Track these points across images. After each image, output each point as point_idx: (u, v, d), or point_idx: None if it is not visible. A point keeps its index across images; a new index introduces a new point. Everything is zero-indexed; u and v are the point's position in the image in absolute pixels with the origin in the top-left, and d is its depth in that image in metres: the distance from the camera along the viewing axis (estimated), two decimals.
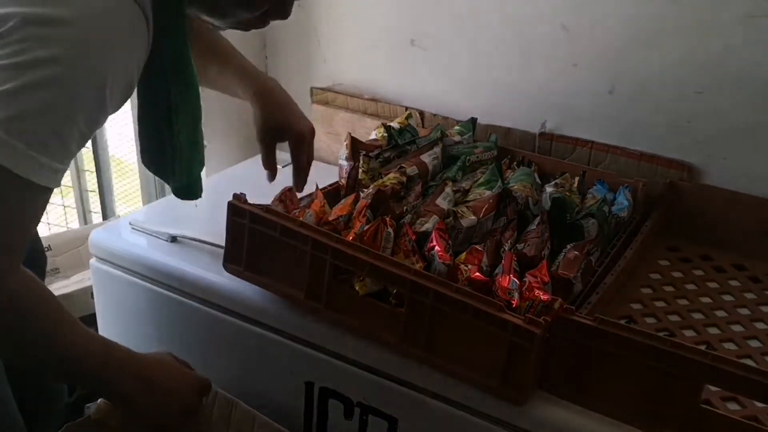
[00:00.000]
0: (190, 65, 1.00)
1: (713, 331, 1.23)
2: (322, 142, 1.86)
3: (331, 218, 1.18)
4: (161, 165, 1.10)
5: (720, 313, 1.28)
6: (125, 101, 0.92)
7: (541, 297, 1.04)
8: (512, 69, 1.61)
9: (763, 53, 1.35)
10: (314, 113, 1.85)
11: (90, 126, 0.85)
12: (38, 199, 0.85)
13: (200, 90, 1.08)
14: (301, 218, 1.18)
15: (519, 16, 1.56)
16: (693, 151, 1.47)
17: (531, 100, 1.60)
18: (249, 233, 1.21)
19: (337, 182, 1.47)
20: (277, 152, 1.86)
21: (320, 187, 1.44)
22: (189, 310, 1.32)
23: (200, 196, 1.22)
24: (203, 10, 0.97)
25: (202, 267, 1.32)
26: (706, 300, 1.32)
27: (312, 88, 1.85)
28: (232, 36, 1.82)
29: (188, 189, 1.19)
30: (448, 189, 1.32)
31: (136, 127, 1.07)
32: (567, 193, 1.38)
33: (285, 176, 1.48)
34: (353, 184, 1.42)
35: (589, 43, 1.50)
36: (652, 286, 1.35)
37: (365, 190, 1.33)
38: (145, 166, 1.13)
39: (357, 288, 1.12)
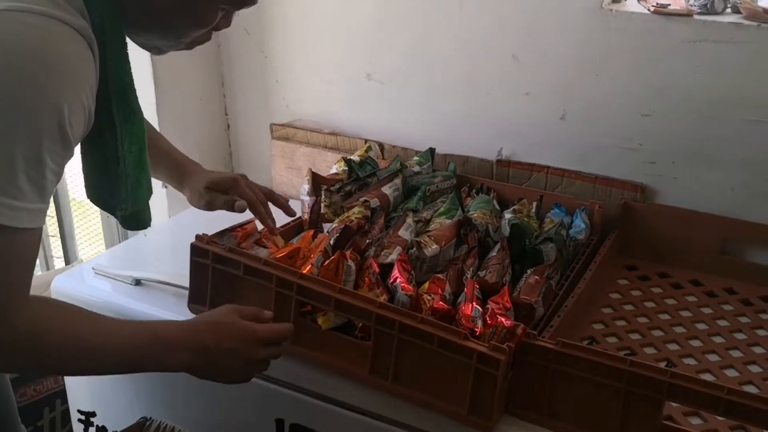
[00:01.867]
0: (134, 91, 0.99)
1: (673, 347, 1.26)
2: (283, 177, 1.87)
3: (281, 254, 1.19)
4: (107, 196, 1.06)
5: (679, 329, 1.31)
6: (88, 128, 0.90)
7: (504, 323, 1.06)
8: (467, 99, 1.64)
9: (705, 75, 1.40)
10: (275, 149, 1.87)
11: (59, 163, 0.84)
12: (21, 240, 0.83)
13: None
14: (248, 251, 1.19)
15: (471, 48, 1.60)
16: (645, 171, 1.52)
17: (487, 128, 1.64)
18: (212, 273, 1.22)
19: (299, 217, 1.48)
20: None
21: (285, 222, 1.46)
22: None
23: (149, 225, 1.19)
24: (157, 35, 0.97)
25: (167, 309, 1.31)
26: (665, 317, 1.35)
27: (272, 125, 1.87)
28: (189, 74, 1.84)
29: (136, 218, 1.15)
30: (409, 220, 1.34)
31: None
32: (525, 218, 1.40)
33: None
34: (316, 218, 1.44)
35: (540, 72, 1.54)
36: (613, 305, 1.38)
37: (330, 225, 1.34)
38: (89, 199, 1.08)
39: (320, 323, 1.13)
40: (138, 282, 1.40)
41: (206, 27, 0.97)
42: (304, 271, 1.16)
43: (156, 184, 1.80)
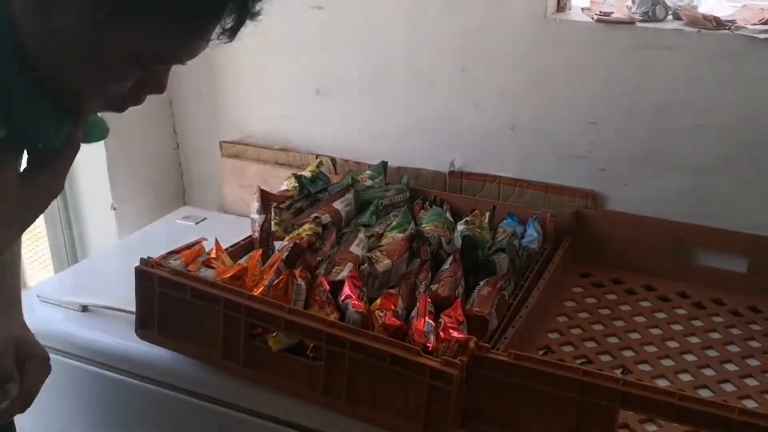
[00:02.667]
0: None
1: (628, 354, 1.27)
2: (235, 195, 1.84)
3: (227, 275, 1.16)
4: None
5: (634, 335, 1.32)
6: None
7: (457, 337, 1.05)
8: (418, 111, 1.63)
9: (649, 81, 1.42)
10: (226, 167, 1.84)
11: None
12: None
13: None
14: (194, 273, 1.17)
15: (420, 60, 1.59)
16: (595, 179, 1.52)
17: (439, 140, 1.63)
18: (159, 297, 1.18)
19: (250, 236, 1.45)
20: (189, 209, 1.85)
21: (235, 241, 1.43)
22: (105, 381, 1.28)
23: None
24: (69, 94, 0.75)
25: (114, 335, 1.28)
26: (620, 323, 1.35)
27: (221, 143, 1.84)
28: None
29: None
30: (361, 235, 1.33)
31: None
32: (478, 229, 1.40)
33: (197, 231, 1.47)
34: (266, 237, 1.41)
35: (488, 83, 1.54)
36: (568, 314, 1.38)
37: (281, 243, 1.32)
38: None
39: (270, 344, 1.11)
40: (85, 308, 1.36)
41: (119, 81, 0.75)
42: (256, 293, 1.14)
43: (104, 205, 1.78)
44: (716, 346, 1.28)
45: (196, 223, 1.73)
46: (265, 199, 1.44)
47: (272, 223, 1.40)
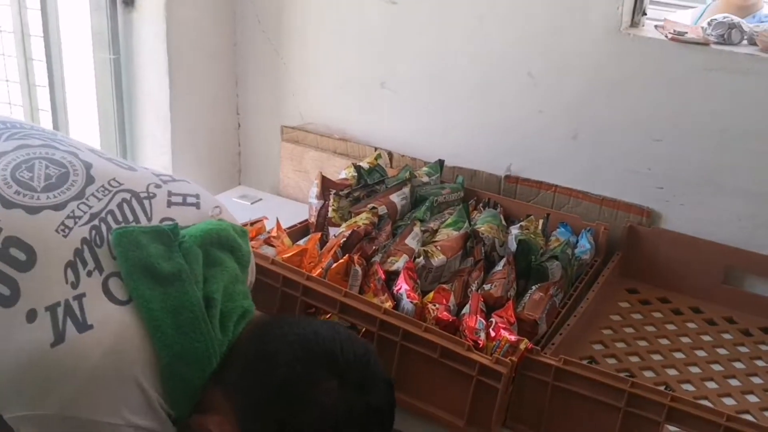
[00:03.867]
0: None
1: (672, 372, 1.27)
2: (290, 179, 1.88)
3: (287, 255, 1.19)
4: None
5: (678, 355, 1.32)
6: None
7: (508, 337, 1.07)
8: (479, 113, 1.65)
9: (718, 104, 1.41)
10: (284, 151, 1.87)
11: None
12: None
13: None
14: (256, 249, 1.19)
15: (487, 62, 1.61)
16: (652, 196, 1.52)
17: (497, 143, 1.65)
18: None
19: (306, 220, 1.48)
20: (245, 188, 1.89)
21: (290, 224, 1.46)
22: None
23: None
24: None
25: None
26: (665, 342, 1.35)
27: (282, 127, 1.87)
28: (204, 72, 1.85)
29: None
30: (416, 229, 1.35)
31: None
32: (532, 235, 1.41)
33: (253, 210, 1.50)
34: (323, 222, 1.44)
35: (554, 90, 1.55)
36: (613, 327, 1.38)
37: (337, 229, 1.35)
38: None
39: None
40: None
41: None
42: (315, 274, 1.16)
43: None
44: (761, 373, 1.28)
45: (252, 203, 1.77)
46: (325, 185, 1.46)
47: (330, 209, 1.43)
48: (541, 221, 1.52)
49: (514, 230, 1.42)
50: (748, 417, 1.16)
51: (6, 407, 0.77)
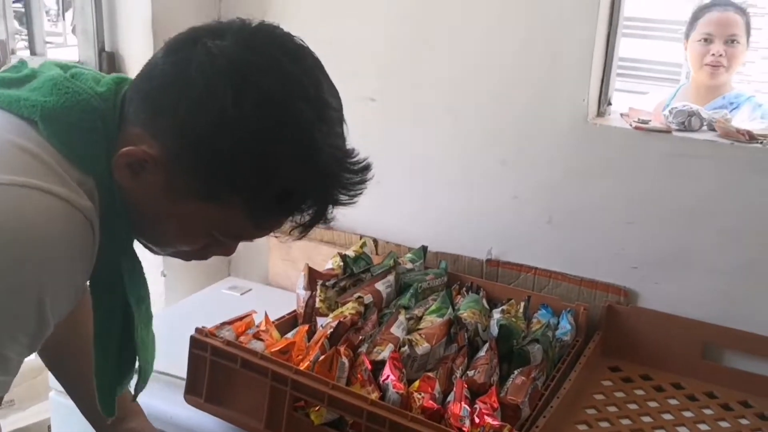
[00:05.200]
0: (143, 278, 0.94)
1: None
2: (279, 268, 1.93)
3: (276, 348, 1.23)
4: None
5: None
6: (72, 306, 0.82)
7: (492, 423, 1.10)
8: (458, 200, 1.72)
9: (683, 187, 1.49)
10: (272, 241, 1.93)
11: (32, 340, 0.78)
12: None
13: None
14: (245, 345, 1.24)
15: (462, 153, 1.68)
16: (628, 275, 1.58)
17: (477, 228, 1.71)
18: (210, 365, 1.25)
19: (294, 310, 1.52)
20: (234, 279, 1.93)
21: (279, 314, 1.50)
22: None
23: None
24: (146, 240, 0.91)
25: (162, 398, 1.34)
26: (647, 419, 1.39)
27: None
28: None
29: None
30: (401, 317, 1.39)
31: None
32: (513, 318, 1.46)
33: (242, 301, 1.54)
34: (311, 312, 1.49)
35: (527, 177, 1.63)
36: (597, 406, 1.41)
37: (324, 319, 1.39)
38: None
39: (312, 418, 1.17)
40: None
41: (191, 245, 0.89)
42: (302, 367, 1.20)
43: (156, 272, 1.87)
44: None
45: (241, 294, 1.81)
46: (312, 276, 1.51)
47: (317, 299, 1.47)
48: (522, 304, 1.57)
49: (496, 314, 1.47)
50: None
51: None
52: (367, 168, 0.87)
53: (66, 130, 0.79)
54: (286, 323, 1.48)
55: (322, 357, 1.21)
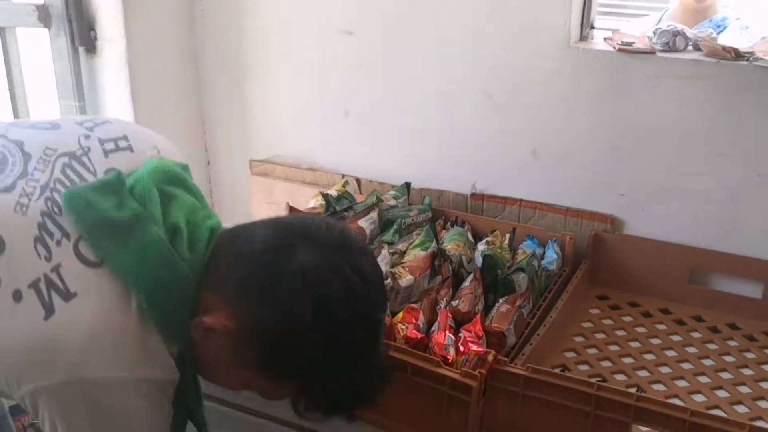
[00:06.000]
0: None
1: (643, 374, 1.29)
2: (263, 212, 1.90)
3: None
4: None
5: (649, 357, 1.34)
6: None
7: (476, 350, 1.09)
8: (442, 135, 1.69)
9: (669, 110, 1.46)
10: (254, 185, 1.90)
11: None
12: None
13: None
14: None
15: (444, 85, 1.64)
16: (614, 204, 1.56)
17: (462, 163, 1.68)
18: None
19: None
20: None
21: None
22: None
23: None
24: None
25: None
26: (635, 345, 1.38)
27: (251, 161, 1.90)
28: (170, 111, 1.88)
29: None
30: (384, 251, 1.37)
31: None
32: (498, 249, 1.44)
33: None
34: None
35: (511, 109, 1.59)
36: (584, 334, 1.41)
37: None
38: None
39: None
40: None
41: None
42: None
43: None
44: (730, 369, 1.31)
45: None
46: None
47: None
48: (507, 236, 1.55)
49: (481, 246, 1.45)
50: (718, 412, 1.19)
51: (14, 389, 0.80)
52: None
53: (163, 309, 0.82)
54: None
55: None
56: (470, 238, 1.54)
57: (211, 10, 1.84)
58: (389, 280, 1.26)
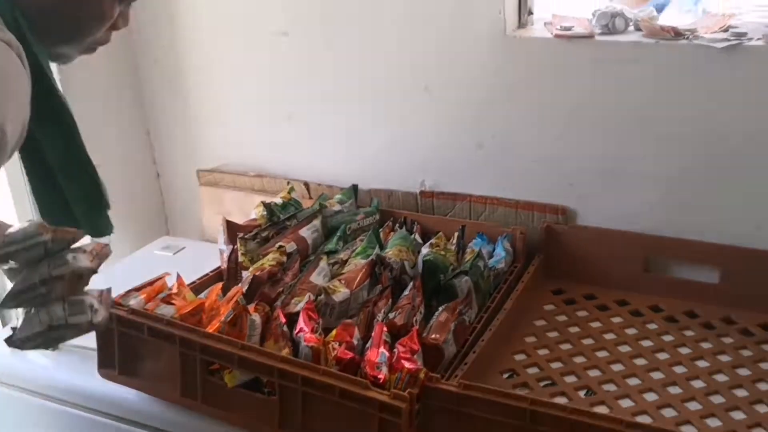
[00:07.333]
0: (61, 101, 0.99)
1: (594, 373, 1.25)
2: (213, 222, 1.85)
3: (184, 312, 1.17)
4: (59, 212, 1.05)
5: (601, 354, 1.30)
6: (24, 134, 0.87)
7: (408, 368, 1.05)
8: (386, 133, 1.63)
9: (611, 94, 1.40)
10: (203, 195, 1.85)
11: None
12: None
13: None
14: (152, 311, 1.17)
15: (383, 82, 1.59)
16: (565, 193, 1.51)
17: (409, 161, 1.63)
18: (119, 336, 1.19)
19: (219, 267, 1.46)
20: (169, 238, 1.86)
21: (205, 272, 1.44)
22: (71, 419, 1.29)
23: (111, 232, 1.13)
24: (63, 40, 0.97)
25: (80, 372, 1.29)
26: (588, 342, 1.34)
27: (198, 171, 1.85)
28: (112, 125, 1.82)
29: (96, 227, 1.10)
30: (322, 263, 1.33)
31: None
32: (442, 252, 1.39)
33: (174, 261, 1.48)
34: (235, 267, 1.42)
35: (452, 101, 1.54)
36: (537, 333, 1.36)
37: (245, 273, 1.33)
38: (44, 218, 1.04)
39: (226, 380, 1.11)
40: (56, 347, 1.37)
41: (105, 23, 0.97)
42: (211, 329, 1.14)
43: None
44: (684, 361, 1.26)
45: (174, 254, 1.74)
46: (231, 229, 1.44)
47: (239, 254, 1.40)
48: (456, 234, 1.50)
49: (425, 249, 1.40)
50: (670, 411, 1.15)
51: None
52: None
53: None
54: (210, 281, 1.42)
55: (232, 316, 1.15)
56: (419, 239, 1.49)
57: (145, 20, 1.78)
58: (323, 296, 1.22)
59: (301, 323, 1.14)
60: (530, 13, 1.50)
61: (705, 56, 1.31)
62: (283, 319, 1.16)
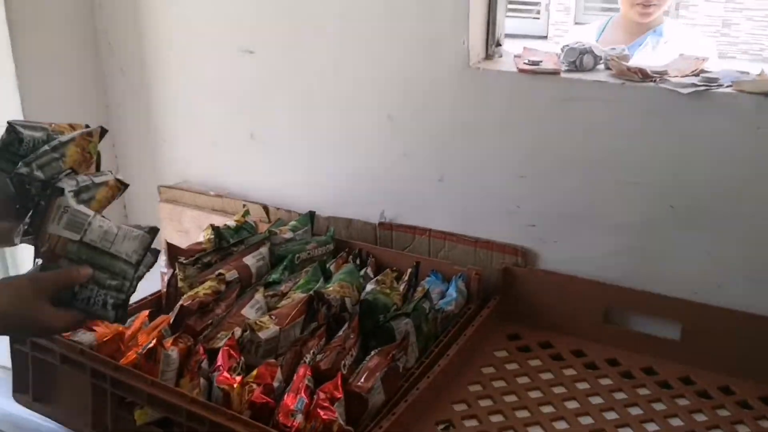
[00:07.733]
0: None
1: (535, 431, 1.17)
2: (173, 241, 1.79)
3: (104, 340, 1.11)
4: None
5: (546, 409, 1.22)
6: None
7: (322, 418, 0.98)
8: (348, 160, 1.57)
9: (576, 135, 1.33)
10: (163, 212, 1.80)
11: None
12: None
13: None
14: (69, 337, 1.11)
15: (347, 108, 1.53)
16: (525, 235, 1.44)
17: (368, 189, 1.57)
18: (33, 361, 1.13)
19: (159, 291, 1.40)
20: None
21: (143, 295, 1.38)
22: None
23: None
24: None
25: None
26: (535, 395, 1.26)
27: (159, 187, 1.80)
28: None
29: None
30: (258, 296, 1.27)
31: None
32: (387, 290, 1.32)
33: None
34: (174, 292, 1.36)
35: (416, 132, 1.48)
36: (482, 382, 1.29)
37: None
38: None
39: (135, 417, 1.05)
40: None
41: None
42: (126, 361, 1.08)
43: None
44: (633, 423, 1.19)
45: None
46: (172, 252, 1.39)
47: (179, 278, 1.34)
48: (409, 271, 1.43)
49: (370, 286, 1.34)
50: None
51: None
52: None
53: None
54: (148, 305, 1.36)
55: (147, 349, 1.08)
56: (370, 274, 1.43)
57: (115, 34, 1.74)
58: (248, 332, 1.15)
59: (219, 360, 1.08)
60: (498, 44, 1.44)
61: (670, 101, 1.24)
62: (203, 355, 1.10)
